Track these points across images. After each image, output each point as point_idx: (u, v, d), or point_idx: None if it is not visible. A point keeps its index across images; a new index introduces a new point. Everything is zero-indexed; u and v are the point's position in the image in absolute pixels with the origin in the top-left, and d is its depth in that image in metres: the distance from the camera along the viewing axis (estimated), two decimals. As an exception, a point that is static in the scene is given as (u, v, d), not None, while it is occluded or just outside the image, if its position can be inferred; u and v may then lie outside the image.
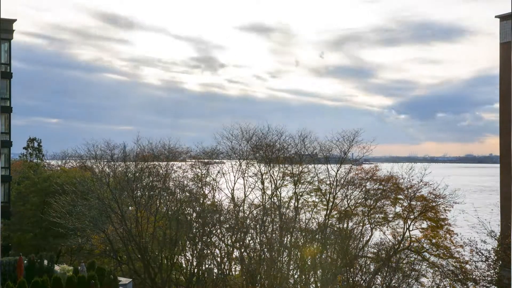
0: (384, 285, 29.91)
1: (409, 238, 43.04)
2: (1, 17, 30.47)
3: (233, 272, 41.64)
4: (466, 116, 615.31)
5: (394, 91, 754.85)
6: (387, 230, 45.91)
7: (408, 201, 43.35)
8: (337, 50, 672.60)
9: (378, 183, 47.78)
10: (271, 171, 50.06)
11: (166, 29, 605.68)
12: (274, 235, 34.20)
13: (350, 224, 45.13)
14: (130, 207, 41.72)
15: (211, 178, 52.55)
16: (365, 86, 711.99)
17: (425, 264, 42.14)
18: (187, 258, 40.58)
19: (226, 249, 37.40)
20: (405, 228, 43.01)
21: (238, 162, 51.86)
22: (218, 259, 36.94)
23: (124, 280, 33.47)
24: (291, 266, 33.43)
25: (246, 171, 51.40)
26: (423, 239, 43.79)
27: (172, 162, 51.83)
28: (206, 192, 48.58)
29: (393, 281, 30.44)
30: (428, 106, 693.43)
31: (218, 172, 53.22)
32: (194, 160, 56.14)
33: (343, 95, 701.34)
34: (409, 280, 35.13)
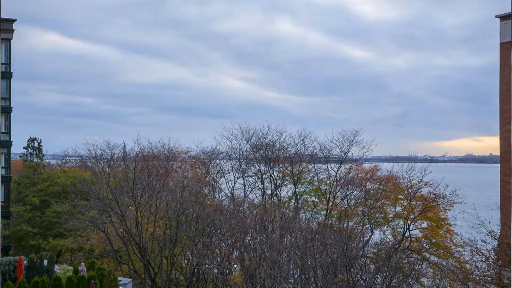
0: (384, 285, 29.87)
1: (409, 238, 43.09)
2: (1, 17, 30.43)
3: (233, 272, 41.60)
4: (466, 115, 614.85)
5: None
6: (387, 230, 45.98)
7: (408, 201, 43.42)
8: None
9: (378, 183, 47.92)
10: (271, 171, 50.19)
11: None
12: (274, 235, 34.22)
13: (350, 224, 45.15)
14: (130, 207, 41.69)
15: (211, 178, 52.67)
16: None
17: (425, 264, 42.17)
18: (187, 258, 40.53)
19: (226, 249, 37.35)
20: (405, 228, 43.07)
21: (238, 162, 52.01)
22: (218, 259, 36.89)
23: (124, 280, 33.47)
24: (291, 266, 33.41)
25: (246, 171, 51.52)
26: (423, 239, 43.84)
27: (172, 162, 51.92)
28: (206, 192, 48.63)
29: (393, 281, 30.44)
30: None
31: (218, 172, 53.34)
32: (194, 160, 56.28)
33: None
34: (409, 280, 35.15)
